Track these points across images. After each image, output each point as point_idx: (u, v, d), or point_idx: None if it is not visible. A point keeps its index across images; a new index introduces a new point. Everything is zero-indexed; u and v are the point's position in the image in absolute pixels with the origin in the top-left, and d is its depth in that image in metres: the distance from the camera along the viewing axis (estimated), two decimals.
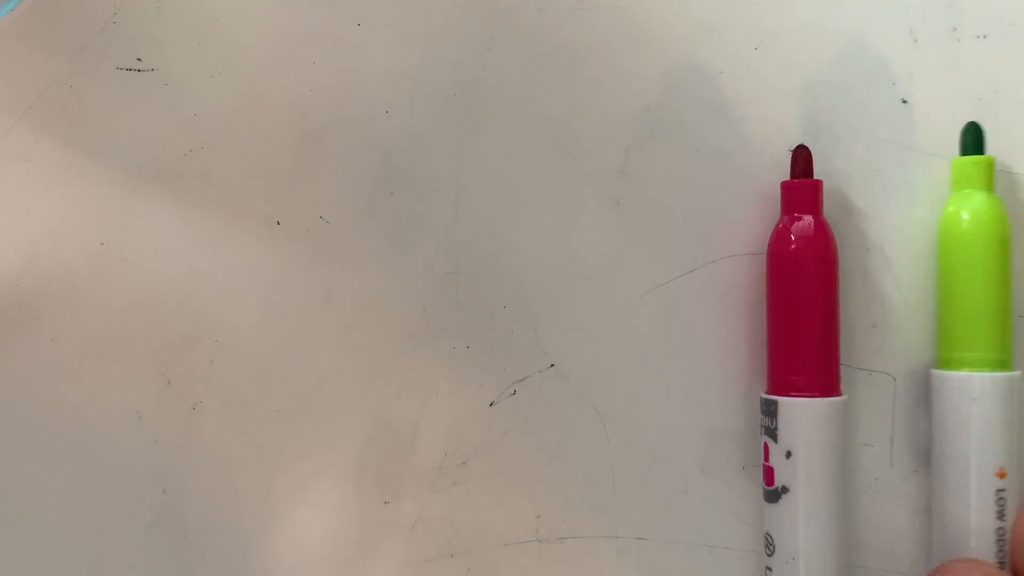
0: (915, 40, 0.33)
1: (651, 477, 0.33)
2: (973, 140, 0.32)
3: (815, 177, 0.32)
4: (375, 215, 0.33)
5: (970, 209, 0.31)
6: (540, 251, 0.33)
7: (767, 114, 0.33)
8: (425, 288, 0.33)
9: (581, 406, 0.33)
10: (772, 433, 0.31)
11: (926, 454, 0.32)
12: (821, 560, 0.30)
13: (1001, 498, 0.30)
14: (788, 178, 0.32)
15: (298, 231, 0.33)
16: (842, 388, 0.31)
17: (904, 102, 0.33)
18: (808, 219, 0.31)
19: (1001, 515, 0.30)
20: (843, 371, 0.32)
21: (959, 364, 0.31)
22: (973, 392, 0.30)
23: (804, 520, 0.30)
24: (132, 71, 0.32)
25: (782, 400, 0.31)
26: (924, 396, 0.32)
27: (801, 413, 0.30)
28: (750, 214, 0.33)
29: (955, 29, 0.33)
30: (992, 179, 0.31)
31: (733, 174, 0.33)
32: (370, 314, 0.32)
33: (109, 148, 0.32)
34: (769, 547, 0.31)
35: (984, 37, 0.33)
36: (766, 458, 0.31)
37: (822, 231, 0.31)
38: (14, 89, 0.32)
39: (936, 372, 0.31)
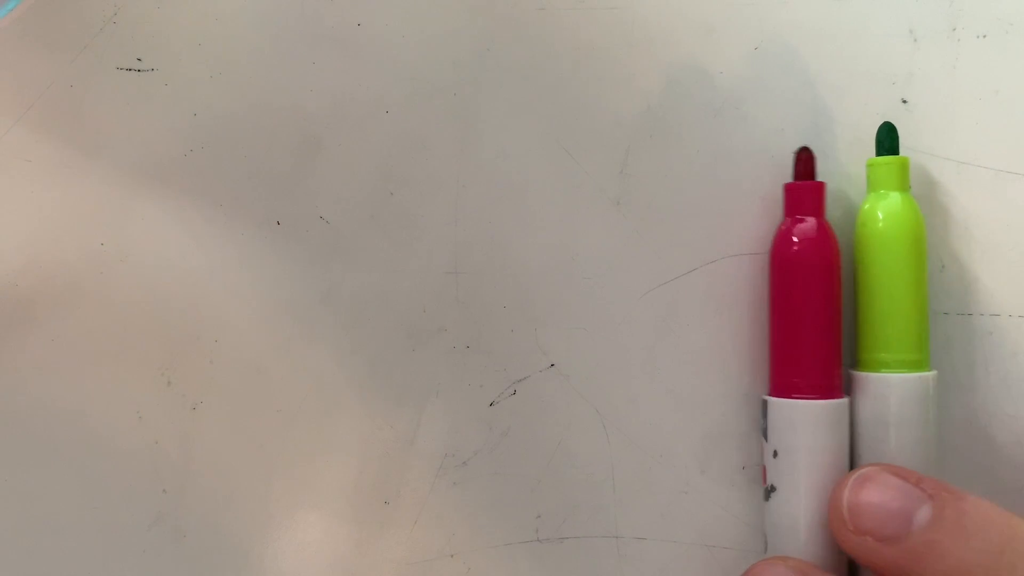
0: (915, 40, 0.33)
1: (651, 477, 0.33)
2: (888, 140, 0.32)
3: (816, 179, 0.32)
4: (375, 215, 0.33)
5: (884, 209, 0.31)
6: (540, 251, 0.33)
7: (767, 114, 0.33)
8: (425, 288, 0.33)
9: (581, 406, 0.33)
10: (764, 432, 0.31)
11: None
12: (810, 559, 0.30)
13: None
14: (789, 179, 0.32)
15: (298, 231, 0.33)
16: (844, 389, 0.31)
17: (904, 102, 0.33)
18: (811, 221, 0.31)
19: None
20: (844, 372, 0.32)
21: (876, 365, 0.31)
22: (892, 393, 0.30)
23: (789, 519, 0.30)
24: (132, 71, 0.32)
25: (771, 400, 0.31)
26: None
27: (794, 414, 0.30)
28: (750, 214, 0.33)
29: (955, 29, 0.33)
30: (907, 179, 0.31)
31: (733, 174, 0.33)
32: (370, 314, 0.33)
33: (109, 148, 0.32)
34: (766, 546, 0.31)
35: (984, 37, 0.33)
36: (763, 457, 0.31)
37: (825, 233, 0.31)
38: (14, 89, 0.32)
39: (854, 373, 0.31)
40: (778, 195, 0.32)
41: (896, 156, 0.31)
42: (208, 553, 0.32)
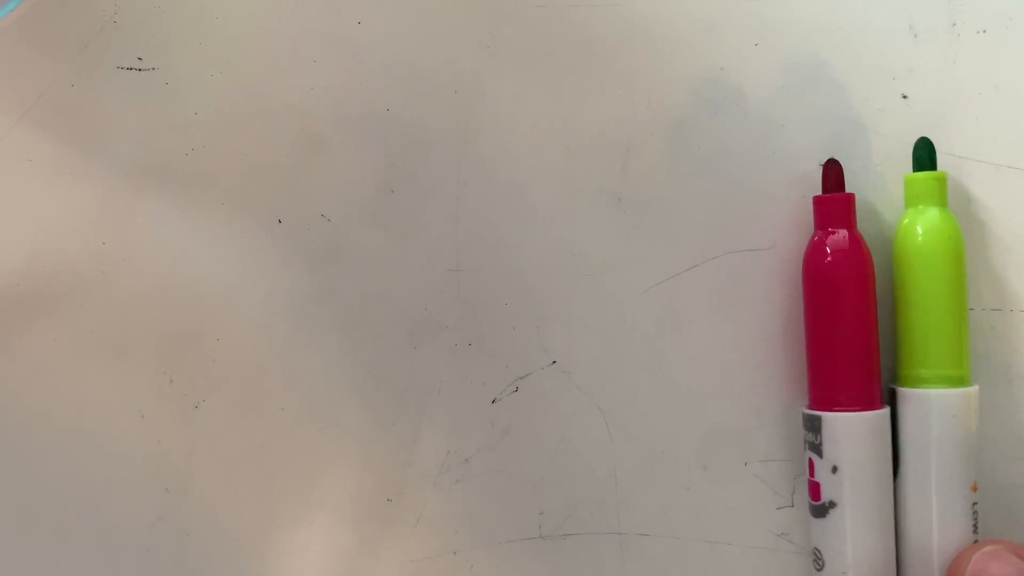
0: (915, 35, 0.33)
1: (653, 474, 0.33)
2: (926, 156, 0.31)
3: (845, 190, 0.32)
4: (376, 213, 0.33)
5: (924, 225, 0.31)
6: (542, 248, 0.33)
7: (766, 111, 0.33)
8: (427, 285, 0.33)
9: (583, 403, 0.33)
10: (817, 448, 0.31)
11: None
12: (871, 573, 0.30)
13: (975, 512, 0.30)
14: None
15: (299, 229, 0.33)
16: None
17: (904, 97, 0.33)
18: (843, 233, 0.31)
19: (975, 528, 0.30)
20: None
21: (918, 381, 0.31)
22: (932, 409, 0.30)
23: (852, 534, 0.30)
24: (133, 70, 0.33)
25: (826, 416, 0.31)
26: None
27: (845, 428, 0.30)
28: (752, 209, 0.33)
29: (955, 24, 0.33)
30: (945, 194, 0.31)
31: (733, 170, 0.33)
32: (372, 312, 0.33)
33: (110, 147, 0.32)
34: (818, 562, 0.31)
35: (984, 32, 0.33)
36: (812, 473, 0.31)
37: (857, 245, 0.31)
38: (15, 89, 0.32)
39: (897, 389, 0.31)
40: (778, 190, 0.32)
41: (935, 172, 0.31)
42: (210, 551, 0.32)
